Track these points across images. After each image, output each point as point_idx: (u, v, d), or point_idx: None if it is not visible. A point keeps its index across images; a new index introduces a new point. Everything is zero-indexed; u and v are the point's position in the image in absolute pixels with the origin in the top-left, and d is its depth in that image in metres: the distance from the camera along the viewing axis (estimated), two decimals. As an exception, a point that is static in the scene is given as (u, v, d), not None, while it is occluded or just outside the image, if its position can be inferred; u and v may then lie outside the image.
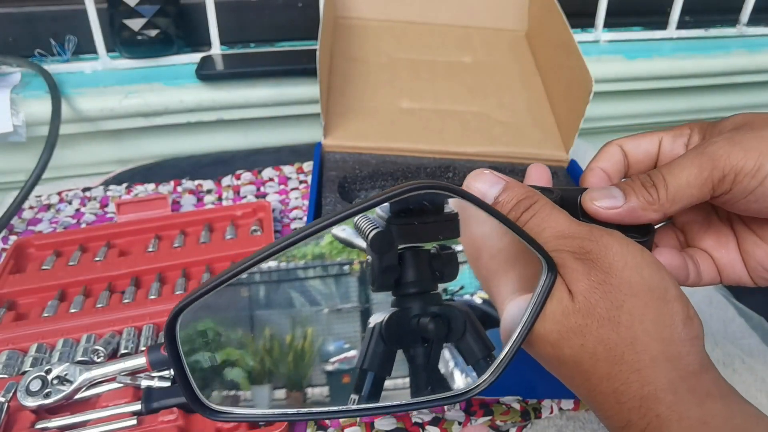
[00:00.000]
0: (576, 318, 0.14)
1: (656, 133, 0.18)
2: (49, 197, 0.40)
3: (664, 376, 0.13)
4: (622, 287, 0.14)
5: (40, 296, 0.30)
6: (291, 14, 0.47)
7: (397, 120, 0.37)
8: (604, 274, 0.14)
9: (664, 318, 0.14)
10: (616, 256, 0.14)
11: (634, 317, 0.14)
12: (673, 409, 0.13)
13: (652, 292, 0.14)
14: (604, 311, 0.14)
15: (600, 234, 0.14)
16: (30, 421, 0.24)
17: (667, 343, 0.13)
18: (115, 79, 0.43)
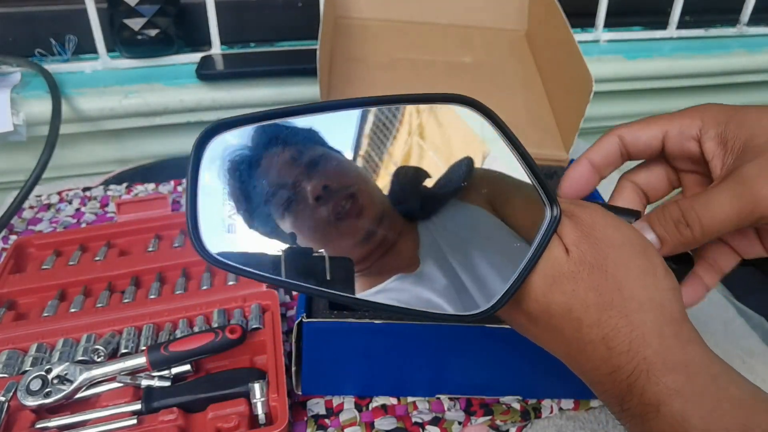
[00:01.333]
0: (569, 265, 0.15)
1: (658, 124, 0.17)
2: (49, 197, 0.40)
3: (651, 320, 0.14)
4: (605, 240, 0.15)
5: (40, 296, 0.30)
6: (291, 14, 0.47)
7: (397, 120, 0.37)
8: (589, 229, 0.15)
9: (647, 268, 0.15)
10: (599, 217, 0.15)
11: (619, 266, 0.15)
12: (659, 352, 0.14)
13: (633, 246, 0.15)
14: (593, 260, 0.15)
15: (587, 203, 0.16)
16: (30, 420, 0.24)
17: (652, 290, 0.14)
18: (115, 78, 0.43)
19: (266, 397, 0.24)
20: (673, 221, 0.16)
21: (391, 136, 0.16)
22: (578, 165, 0.19)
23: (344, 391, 0.27)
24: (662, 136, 0.18)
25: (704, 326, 0.32)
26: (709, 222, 0.15)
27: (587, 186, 0.19)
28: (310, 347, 0.24)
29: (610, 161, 0.18)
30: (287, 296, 0.33)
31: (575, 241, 0.15)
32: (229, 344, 0.25)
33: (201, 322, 0.28)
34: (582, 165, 0.19)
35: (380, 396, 0.27)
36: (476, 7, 0.44)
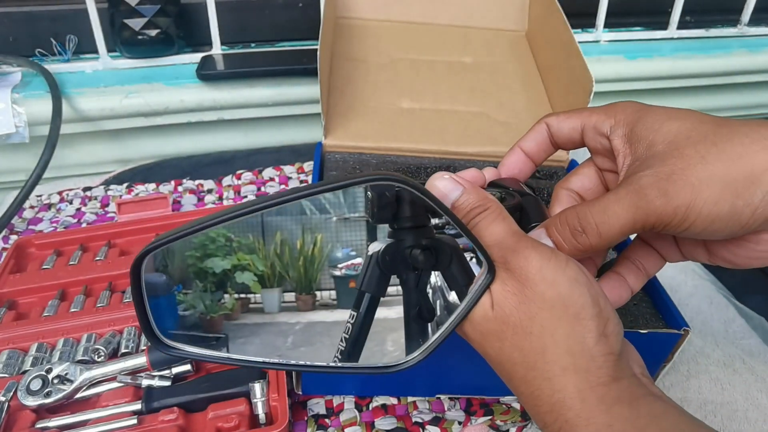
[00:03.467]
0: (493, 324, 0.15)
1: (579, 116, 0.18)
2: (50, 197, 0.40)
3: (573, 385, 0.14)
4: (535, 299, 0.14)
5: (41, 296, 0.30)
6: (291, 14, 0.47)
7: (397, 120, 0.37)
8: (520, 285, 0.15)
9: (576, 334, 0.14)
10: (534, 269, 0.15)
11: (545, 329, 0.14)
12: (581, 415, 0.14)
13: (567, 308, 0.14)
14: (518, 320, 0.15)
15: (525, 246, 0.15)
16: (30, 420, 0.24)
17: (577, 356, 0.14)
18: (115, 78, 0.43)
19: (266, 396, 0.24)
20: (570, 228, 0.16)
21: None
22: (512, 153, 0.19)
23: (344, 391, 0.27)
24: (581, 129, 0.18)
25: (704, 327, 0.32)
26: (606, 230, 0.15)
27: (522, 173, 0.19)
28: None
29: (541, 148, 0.19)
30: (287, 296, 0.33)
31: (501, 298, 0.15)
32: (229, 344, 0.25)
33: (201, 322, 0.28)
34: (515, 153, 0.19)
35: (380, 396, 0.27)
36: (476, 8, 0.44)
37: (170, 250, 0.16)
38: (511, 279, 0.15)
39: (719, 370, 0.29)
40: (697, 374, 0.29)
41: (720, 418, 0.27)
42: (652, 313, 0.26)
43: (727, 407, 0.28)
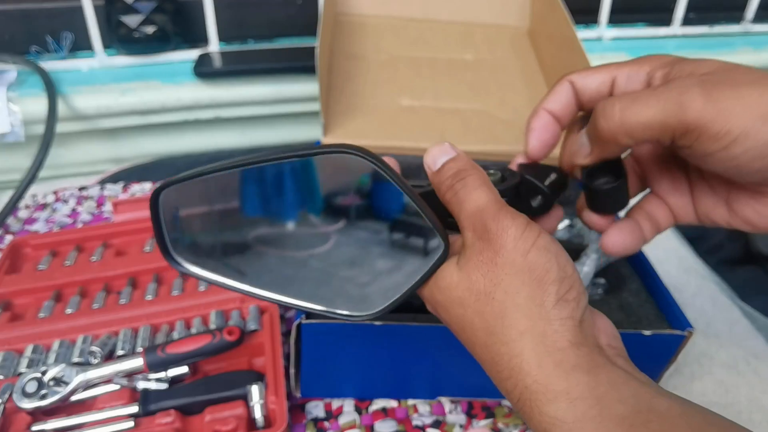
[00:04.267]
0: (457, 291, 0.16)
1: (610, 68, 0.17)
2: (45, 196, 0.40)
3: (529, 349, 0.14)
4: (505, 267, 0.15)
5: (36, 296, 0.30)
6: (290, 11, 0.47)
7: (397, 118, 0.37)
8: (493, 253, 0.15)
9: (536, 297, 0.14)
10: (511, 238, 0.15)
11: (507, 294, 0.15)
12: (538, 380, 0.14)
13: (531, 272, 0.15)
14: (482, 287, 0.15)
15: (505, 215, 0.15)
16: (26, 423, 0.23)
17: (534, 319, 0.14)
18: (111, 76, 0.43)
19: (264, 399, 0.24)
20: (595, 111, 0.15)
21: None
22: (538, 117, 0.18)
23: (344, 394, 0.26)
24: (611, 82, 0.17)
25: (708, 327, 0.32)
26: (629, 116, 0.14)
27: (553, 137, 0.19)
28: (309, 349, 0.24)
29: (566, 110, 0.18)
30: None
31: (471, 268, 0.15)
32: (227, 346, 0.25)
33: (198, 324, 0.28)
34: (542, 116, 0.18)
35: (380, 398, 0.27)
36: (478, 4, 0.43)
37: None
38: (487, 248, 0.15)
39: (723, 372, 0.29)
40: (701, 376, 0.29)
41: (724, 420, 0.27)
42: (655, 314, 0.26)
43: (731, 409, 0.27)
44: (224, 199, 0.18)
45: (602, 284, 0.28)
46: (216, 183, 0.17)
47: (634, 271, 0.28)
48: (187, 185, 0.17)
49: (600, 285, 0.28)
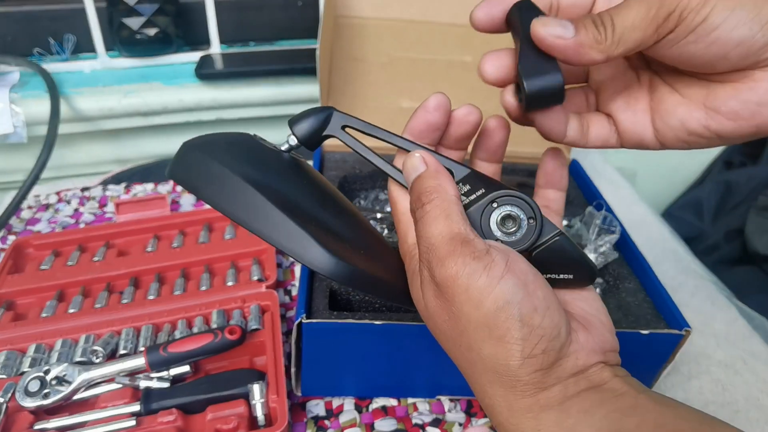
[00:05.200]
0: (430, 323, 0.16)
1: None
2: (48, 197, 0.40)
3: (500, 396, 0.15)
4: (461, 319, 0.14)
5: (39, 296, 0.30)
6: (291, 13, 0.47)
7: (397, 120, 0.37)
8: (448, 303, 0.15)
9: (499, 356, 0.14)
10: (461, 288, 0.14)
11: (472, 348, 0.15)
12: (510, 421, 0.14)
13: (491, 330, 0.14)
14: (449, 332, 0.15)
15: (452, 260, 0.14)
16: (29, 421, 0.23)
17: (501, 375, 0.14)
18: (114, 78, 0.43)
19: (266, 398, 0.24)
20: (591, 20, 0.15)
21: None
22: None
23: (344, 392, 0.27)
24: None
25: (706, 327, 0.32)
26: (620, 22, 0.14)
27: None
28: (309, 348, 0.24)
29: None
30: (287, 297, 0.32)
31: (434, 308, 0.15)
32: (228, 345, 0.25)
33: (200, 323, 0.28)
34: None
35: (380, 397, 0.27)
36: (477, 6, 0.43)
37: None
38: (440, 296, 0.15)
39: (721, 371, 0.29)
40: (699, 375, 0.29)
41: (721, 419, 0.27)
42: (653, 314, 0.26)
43: (729, 408, 0.27)
44: None
45: (600, 284, 0.28)
46: None
47: (632, 271, 0.28)
48: None
49: (598, 285, 0.28)
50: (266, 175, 0.16)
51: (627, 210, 0.41)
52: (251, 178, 0.15)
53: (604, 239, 0.28)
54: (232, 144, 0.17)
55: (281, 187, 0.16)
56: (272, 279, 0.30)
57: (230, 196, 0.15)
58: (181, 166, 0.16)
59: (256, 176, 0.15)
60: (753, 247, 0.45)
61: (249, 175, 0.15)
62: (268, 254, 0.32)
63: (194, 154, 0.16)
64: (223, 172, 0.15)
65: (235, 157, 0.16)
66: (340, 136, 0.18)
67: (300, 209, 0.15)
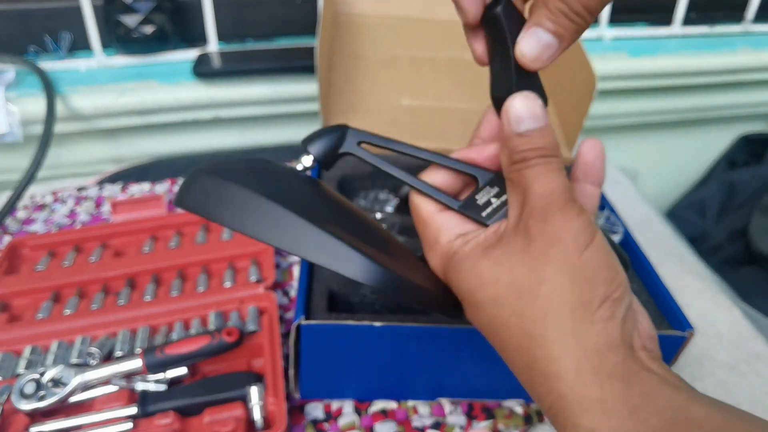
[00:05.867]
0: (493, 288, 0.15)
1: None
2: (44, 197, 0.40)
3: (570, 354, 0.13)
4: (556, 262, 0.14)
5: (34, 297, 0.30)
6: (289, 10, 0.47)
7: (397, 118, 0.37)
8: (546, 246, 0.14)
9: (584, 297, 0.14)
10: (571, 234, 0.14)
11: (554, 292, 0.14)
12: (574, 389, 0.13)
13: (584, 271, 0.14)
14: (526, 283, 0.14)
15: (571, 208, 0.15)
16: (24, 424, 0.23)
17: (578, 321, 0.14)
18: (110, 76, 0.43)
19: (264, 401, 0.24)
20: (561, 12, 0.15)
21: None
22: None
23: (343, 395, 0.26)
24: None
25: (709, 328, 0.32)
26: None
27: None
28: (308, 350, 0.24)
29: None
30: (285, 298, 0.32)
31: (516, 261, 0.14)
32: (225, 347, 0.25)
33: (197, 325, 0.28)
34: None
35: (380, 400, 0.26)
36: (478, 3, 0.43)
37: None
38: (540, 239, 0.14)
39: (724, 373, 0.29)
40: (702, 377, 0.29)
41: (725, 421, 0.26)
42: (656, 315, 0.26)
43: (732, 410, 0.27)
44: None
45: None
46: None
47: (635, 272, 0.28)
48: None
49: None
50: (290, 194, 0.15)
51: (630, 210, 0.41)
52: (277, 197, 0.14)
53: (607, 239, 0.27)
54: (249, 167, 0.16)
55: (311, 204, 0.15)
56: (270, 280, 0.30)
57: (257, 217, 0.14)
58: (195, 192, 0.15)
59: (282, 195, 0.15)
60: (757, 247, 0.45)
61: (274, 194, 0.14)
62: (266, 255, 0.32)
63: (209, 178, 0.15)
64: (245, 193, 0.14)
65: (254, 178, 0.15)
66: (357, 153, 0.18)
67: (334, 224, 0.15)
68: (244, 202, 0.14)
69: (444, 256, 0.17)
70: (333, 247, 0.14)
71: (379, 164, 0.18)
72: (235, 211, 0.14)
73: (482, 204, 0.17)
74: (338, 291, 0.26)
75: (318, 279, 0.26)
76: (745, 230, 0.49)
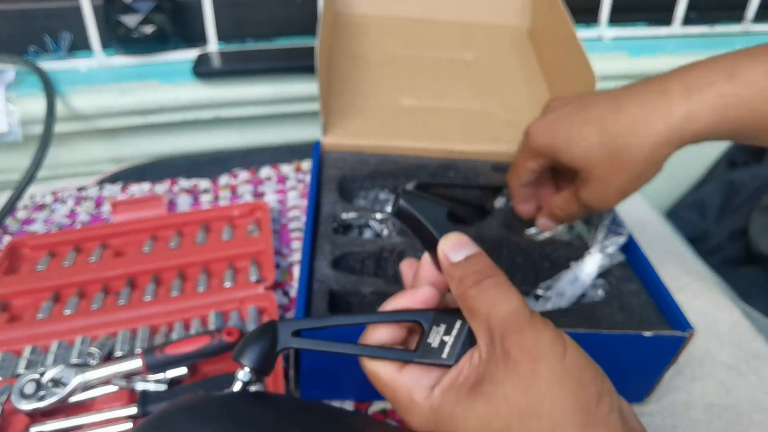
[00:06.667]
0: (493, 425, 0.15)
1: (519, 171, 0.28)
2: (44, 197, 0.40)
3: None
4: (546, 376, 0.14)
5: (34, 297, 0.30)
6: (289, 10, 0.47)
7: (397, 118, 0.37)
8: (533, 363, 0.14)
9: (580, 401, 0.14)
10: (547, 343, 0.15)
11: (555, 407, 0.14)
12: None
13: (572, 375, 0.15)
14: (526, 406, 0.14)
15: (537, 320, 0.15)
16: (24, 424, 0.23)
17: (584, 425, 0.14)
18: (110, 76, 0.43)
19: (263, 401, 0.24)
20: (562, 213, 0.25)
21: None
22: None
23: (343, 396, 0.26)
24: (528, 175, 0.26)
25: (709, 328, 0.32)
26: (562, 216, 0.26)
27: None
28: (308, 351, 0.24)
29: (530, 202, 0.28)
30: (285, 298, 0.32)
31: (508, 389, 0.15)
32: (226, 347, 0.25)
33: (197, 325, 0.28)
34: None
35: (380, 400, 0.26)
36: (478, 4, 0.43)
37: None
38: (524, 359, 0.14)
39: (724, 373, 0.29)
40: (702, 377, 0.29)
41: (725, 421, 0.26)
42: (656, 316, 0.26)
43: (732, 410, 0.27)
44: None
45: (603, 285, 0.27)
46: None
47: (635, 273, 0.28)
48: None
49: (601, 286, 0.27)
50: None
51: (630, 210, 0.41)
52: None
53: (612, 240, 0.27)
54: (188, 412, 0.15)
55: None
56: (270, 280, 0.30)
57: None
58: None
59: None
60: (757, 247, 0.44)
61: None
62: (266, 255, 0.32)
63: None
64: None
65: (203, 418, 0.14)
66: (295, 345, 0.17)
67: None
68: None
69: (428, 414, 0.16)
70: None
71: (323, 347, 0.17)
72: None
73: (437, 346, 0.17)
74: (338, 291, 0.25)
75: (318, 280, 0.26)
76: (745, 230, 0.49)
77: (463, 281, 0.16)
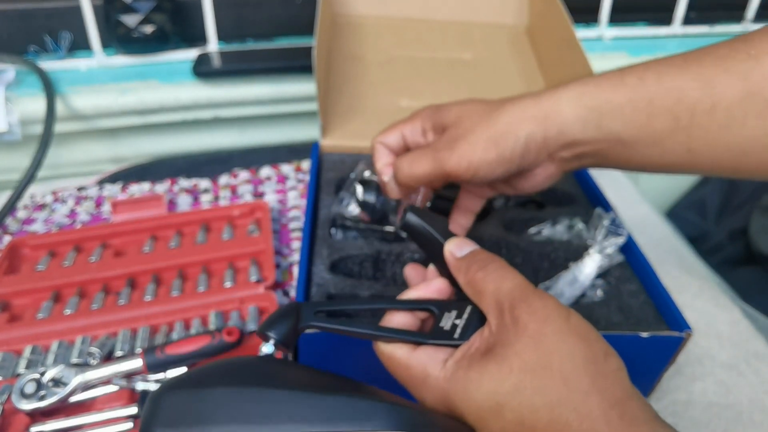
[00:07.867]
0: (507, 384, 0.15)
1: (398, 126, 0.24)
2: (44, 197, 0.40)
3: (597, 407, 0.15)
4: (555, 334, 0.16)
5: (35, 297, 0.30)
6: (289, 10, 0.47)
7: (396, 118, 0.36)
8: (541, 324, 0.16)
9: (588, 355, 0.15)
10: (552, 307, 0.16)
11: (565, 359, 0.15)
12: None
13: (578, 334, 0.16)
14: (537, 361, 0.15)
15: (540, 291, 0.17)
16: (25, 424, 0.23)
17: (594, 377, 0.15)
18: (110, 76, 0.43)
19: (263, 401, 0.24)
20: (396, 170, 0.23)
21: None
22: (384, 173, 0.24)
23: (343, 395, 0.26)
24: (402, 137, 0.24)
25: (709, 328, 0.32)
26: (415, 172, 0.22)
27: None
28: (307, 354, 0.24)
29: (391, 159, 0.24)
30: (285, 298, 0.32)
31: (519, 348, 0.15)
32: (226, 347, 0.25)
33: (197, 325, 0.28)
34: (386, 172, 0.24)
35: (379, 399, 0.26)
36: (476, 3, 0.43)
37: None
38: (532, 321, 0.16)
39: (724, 373, 0.29)
40: (702, 376, 0.29)
41: (725, 420, 0.26)
42: (654, 316, 0.26)
43: (732, 410, 0.27)
44: None
45: (602, 286, 0.27)
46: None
47: (634, 273, 0.28)
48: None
49: (599, 286, 0.27)
50: (279, 378, 0.15)
51: (629, 210, 0.41)
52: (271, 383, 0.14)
53: (611, 241, 0.27)
54: (217, 370, 0.15)
55: (309, 379, 0.16)
56: (271, 280, 0.30)
57: (264, 410, 0.14)
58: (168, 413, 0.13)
59: (273, 381, 0.15)
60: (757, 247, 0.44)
61: (265, 383, 0.14)
62: (266, 255, 0.32)
63: (179, 393, 0.14)
64: (237, 391, 0.14)
65: (234, 375, 0.15)
66: (316, 324, 0.18)
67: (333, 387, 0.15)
68: (246, 400, 0.14)
69: (442, 386, 0.17)
70: (352, 405, 0.15)
71: (341, 327, 0.18)
72: (234, 412, 0.13)
73: (449, 329, 0.18)
74: (336, 295, 0.26)
75: (316, 283, 0.26)
76: (745, 230, 0.49)
77: (469, 269, 0.18)
